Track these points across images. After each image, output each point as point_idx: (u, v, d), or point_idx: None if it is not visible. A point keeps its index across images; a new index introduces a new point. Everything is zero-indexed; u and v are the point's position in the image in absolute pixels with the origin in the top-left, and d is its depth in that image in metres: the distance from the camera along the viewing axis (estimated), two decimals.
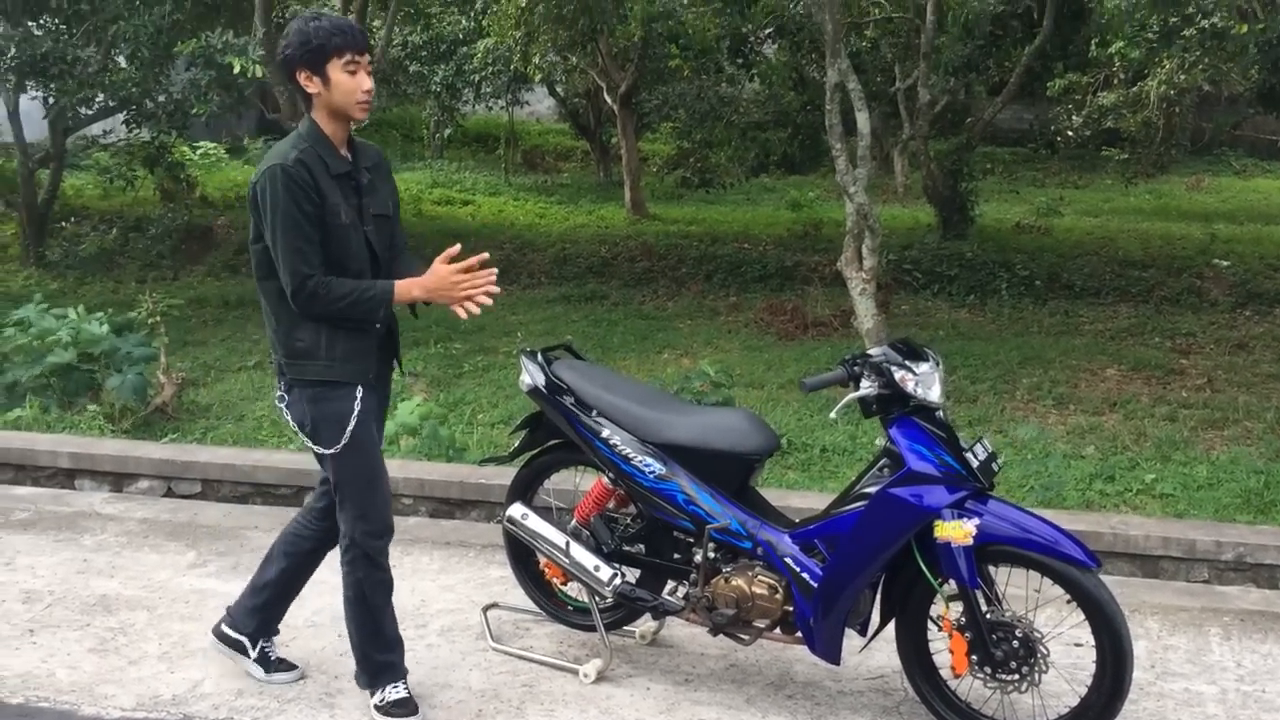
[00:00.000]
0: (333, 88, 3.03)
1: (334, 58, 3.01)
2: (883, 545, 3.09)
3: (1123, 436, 6.87)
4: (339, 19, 3.09)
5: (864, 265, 8.19)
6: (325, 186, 3.04)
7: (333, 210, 3.04)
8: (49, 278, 11.25)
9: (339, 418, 3.11)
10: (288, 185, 2.98)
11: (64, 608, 3.97)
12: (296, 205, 2.98)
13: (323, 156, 3.06)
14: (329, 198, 3.04)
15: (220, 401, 7.63)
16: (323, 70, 3.02)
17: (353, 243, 3.09)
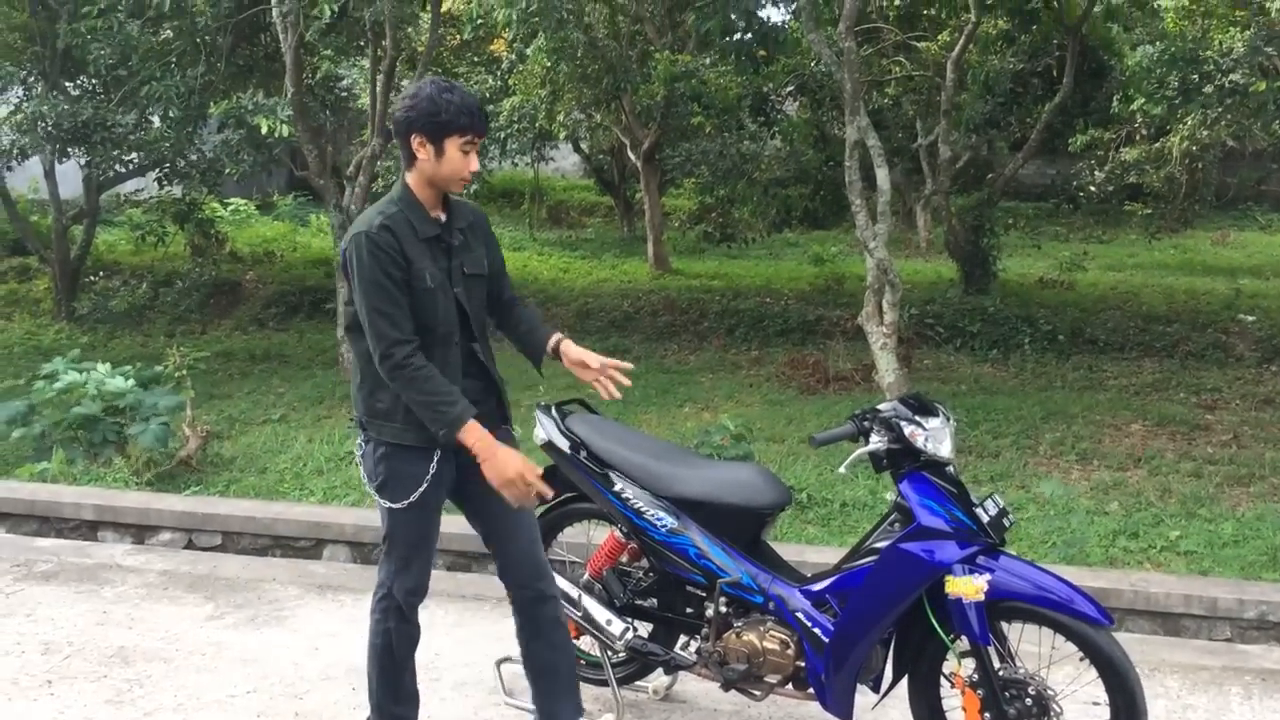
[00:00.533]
0: (444, 162, 3.04)
1: (455, 135, 3.02)
2: (894, 600, 3.08)
3: (1147, 492, 6.80)
4: (469, 98, 3.07)
5: (885, 320, 8.21)
6: (412, 251, 3.04)
7: (418, 275, 3.03)
8: (80, 332, 11.46)
9: (410, 479, 3.11)
10: (373, 252, 2.99)
11: (82, 659, 4.01)
12: (383, 271, 2.99)
13: (411, 221, 3.07)
14: (415, 263, 3.03)
15: (244, 454, 7.70)
16: (440, 143, 3.02)
17: (440, 306, 3.08)
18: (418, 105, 3.02)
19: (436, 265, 3.10)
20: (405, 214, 3.08)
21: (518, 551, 3.23)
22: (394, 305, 3.00)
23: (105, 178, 11.85)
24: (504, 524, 3.22)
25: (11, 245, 13.98)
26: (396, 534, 3.19)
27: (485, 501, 3.17)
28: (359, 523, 5.45)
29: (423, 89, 3.06)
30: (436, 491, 3.16)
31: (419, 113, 3.02)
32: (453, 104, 3.01)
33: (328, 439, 7.92)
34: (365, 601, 4.56)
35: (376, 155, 10.24)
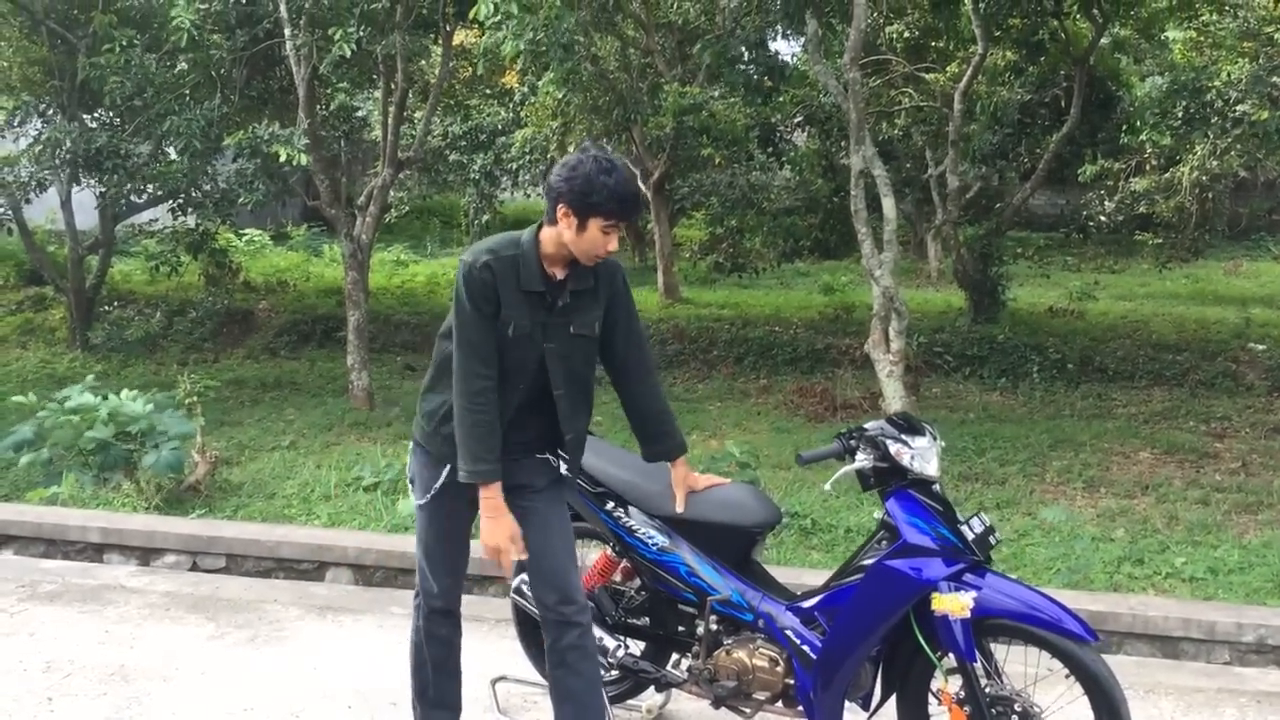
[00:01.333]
0: (582, 238, 3.05)
1: (601, 218, 3.03)
2: (880, 617, 3.10)
3: (1154, 519, 6.78)
4: (625, 186, 3.05)
5: (891, 347, 8.25)
6: (507, 297, 3.07)
7: (504, 322, 3.08)
8: (94, 360, 11.58)
9: (428, 479, 3.23)
10: (468, 284, 3.07)
11: (83, 677, 4.05)
12: (474, 304, 3.06)
13: (520, 269, 3.09)
14: (504, 309, 3.07)
15: (252, 480, 7.76)
16: (585, 220, 3.03)
17: (518, 356, 3.12)
18: (574, 180, 3.02)
19: (532, 318, 3.12)
20: (517, 260, 3.10)
21: (549, 571, 3.22)
22: (480, 336, 3.07)
23: (120, 208, 12.02)
24: (536, 543, 3.21)
25: (28, 275, 14.17)
26: (419, 532, 3.31)
27: (520, 520, 3.18)
28: (362, 545, 5.49)
29: (583, 164, 3.04)
30: (454, 499, 3.21)
31: (571, 187, 3.02)
32: (607, 187, 3.01)
33: (335, 465, 7.97)
34: (365, 622, 4.63)
35: (388, 185, 10.37)
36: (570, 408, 3.22)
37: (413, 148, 10.86)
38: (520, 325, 3.09)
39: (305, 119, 9.66)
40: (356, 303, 9.92)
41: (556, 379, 3.17)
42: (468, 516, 3.27)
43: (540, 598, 3.23)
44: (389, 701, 3.89)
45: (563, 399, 3.20)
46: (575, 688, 3.21)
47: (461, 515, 3.27)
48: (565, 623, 3.19)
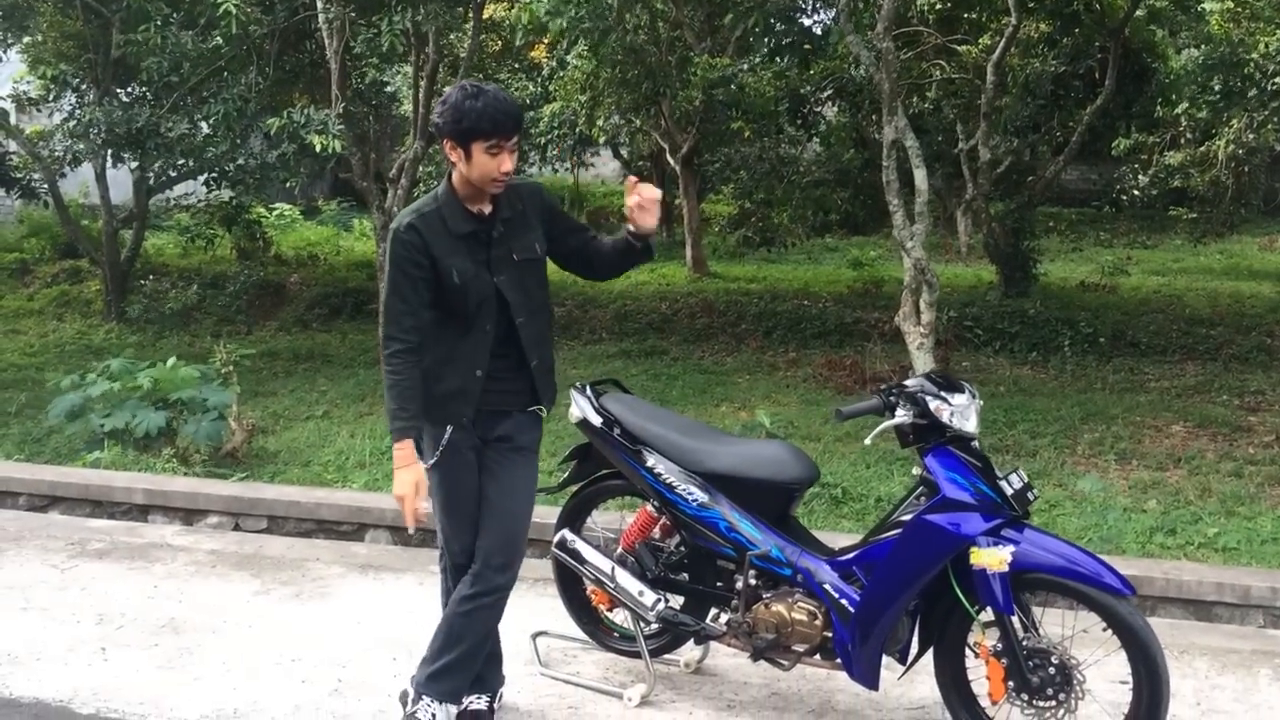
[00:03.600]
0: (472, 165, 3.13)
1: (479, 140, 3.10)
2: (919, 571, 3.14)
3: (1186, 492, 6.77)
4: (496, 102, 3.11)
5: (921, 320, 8.24)
6: (440, 249, 3.17)
7: (445, 272, 3.17)
8: (129, 332, 11.74)
9: (434, 440, 3.29)
10: (395, 249, 3.19)
11: (135, 629, 4.16)
12: (400, 269, 3.18)
13: (445, 218, 3.20)
14: (441, 260, 3.17)
15: (288, 448, 7.88)
16: (467, 147, 3.11)
17: (470, 298, 3.20)
18: (445, 112, 3.13)
19: (473, 259, 3.21)
20: (440, 211, 3.21)
21: (505, 532, 3.31)
22: (403, 301, 3.19)
23: (156, 182, 12.14)
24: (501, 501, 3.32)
25: (64, 248, 14.36)
26: (434, 495, 3.35)
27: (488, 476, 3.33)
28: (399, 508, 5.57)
29: (450, 96, 3.15)
30: (461, 457, 3.30)
31: (445, 119, 3.13)
32: (475, 110, 3.08)
33: (369, 434, 8.08)
34: (406, 580, 4.71)
35: (418, 159, 10.43)
36: (534, 334, 3.33)
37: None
38: (463, 269, 3.19)
39: (339, 97, 9.71)
40: None
41: (517, 308, 3.27)
42: (476, 472, 3.34)
43: (484, 550, 3.30)
44: None
45: (524, 326, 3.29)
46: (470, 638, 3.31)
47: (471, 471, 3.34)
48: (495, 586, 3.29)
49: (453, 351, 3.26)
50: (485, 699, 3.47)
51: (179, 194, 13.37)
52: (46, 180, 12.10)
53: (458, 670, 3.34)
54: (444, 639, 3.35)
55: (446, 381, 3.26)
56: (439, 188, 3.27)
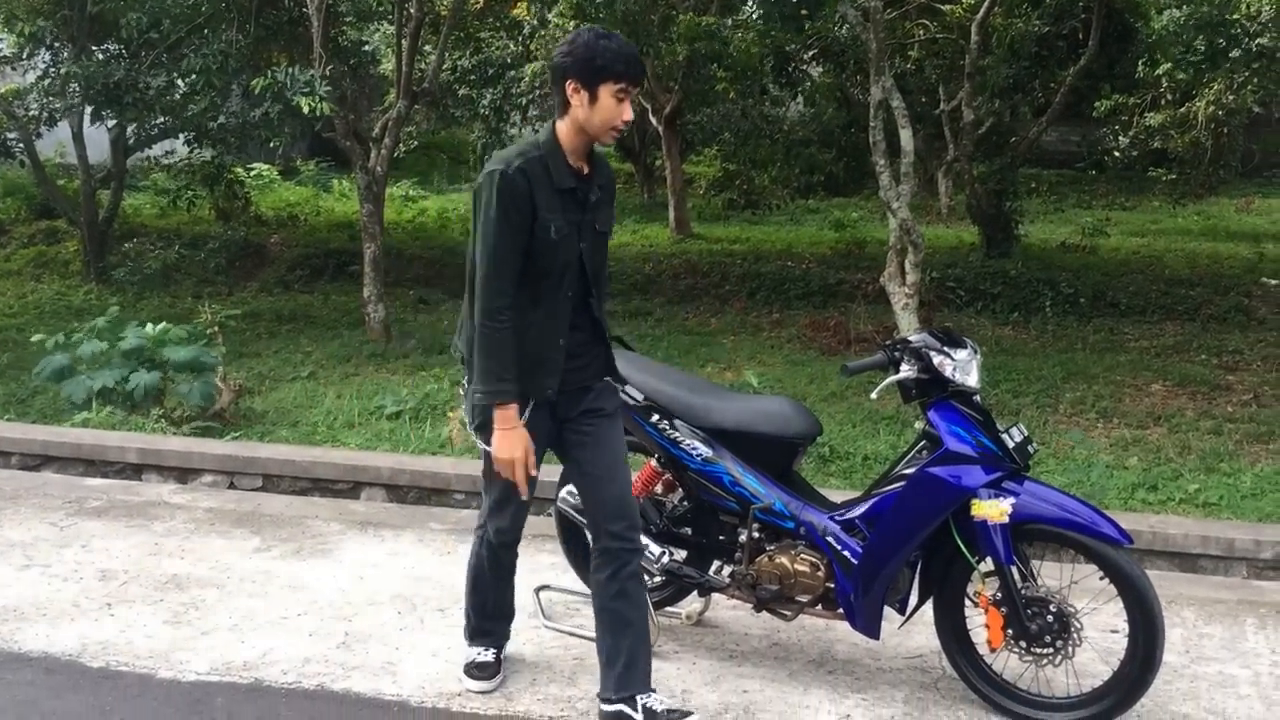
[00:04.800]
0: (596, 109, 3.00)
1: (610, 82, 2.98)
2: (921, 523, 3.21)
3: (1167, 449, 6.89)
4: (626, 46, 3.03)
5: (906, 280, 8.29)
6: (542, 200, 3.00)
7: (543, 226, 3.01)
8: (109, 293, 11.63)
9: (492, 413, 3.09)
10: (502, 193, 2.97)
11: (138, 585, 4.18)
12: (504, 212, 2.98)
13: (550, 168, 3.03)
14: (542, 212, 3.00)
15: (275, 409, 7.87)
16: (594, 89, 2.99)
17: (560, 258, 3.05)
18: (574, 51, 2.99)
19: (566, 217, 3.06)
20: (546, 160, 3.04)
21: (616, 499, 3.20)
22: (508, 251, 2.99)
23: (133, 141, 11.97)
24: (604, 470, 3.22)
25: (40, 208, 14.16)
26: (490, 475, 3.23)
27: (581, 450, 3.23)
28: (395, 466, 5.61)
29: (580, 35, 3.03)
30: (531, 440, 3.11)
31: (575, 58, 2.99)
32: (609, 50, 2.97)
33: (357, 395, 8.08)
34: (405, 537, 4.75)
35: (402, 117, 10.33)
36: (601, 312, 3.25)
37: (427, 79, 10.81)
38: (559, 226, 3.04)
39: (322, 56, 9.58)
40: (372, 235, 9.94)
41: (594, 279, 3.16)
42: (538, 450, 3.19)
43: (604, 525, 3.18)
44: (436, 608, 4.03)
45: (594, 304, 3.20)
46: (635, 618, 3.18)
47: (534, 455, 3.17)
48: (629, 549, 3.18)
49: (532, 317, 3.08)
50: (493, 651, 3.53)
51: (158, 153, 13.18)
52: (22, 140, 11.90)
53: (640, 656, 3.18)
54: (612, 634, 3.18)
55: (527, 351, 3.08)
56: (539, 135, 3.10)
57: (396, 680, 3.48)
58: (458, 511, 5.17)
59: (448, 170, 18.38)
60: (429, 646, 3.71)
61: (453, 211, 15.27)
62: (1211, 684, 3.45)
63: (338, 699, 3.35)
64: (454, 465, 5.61)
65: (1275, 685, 3.51)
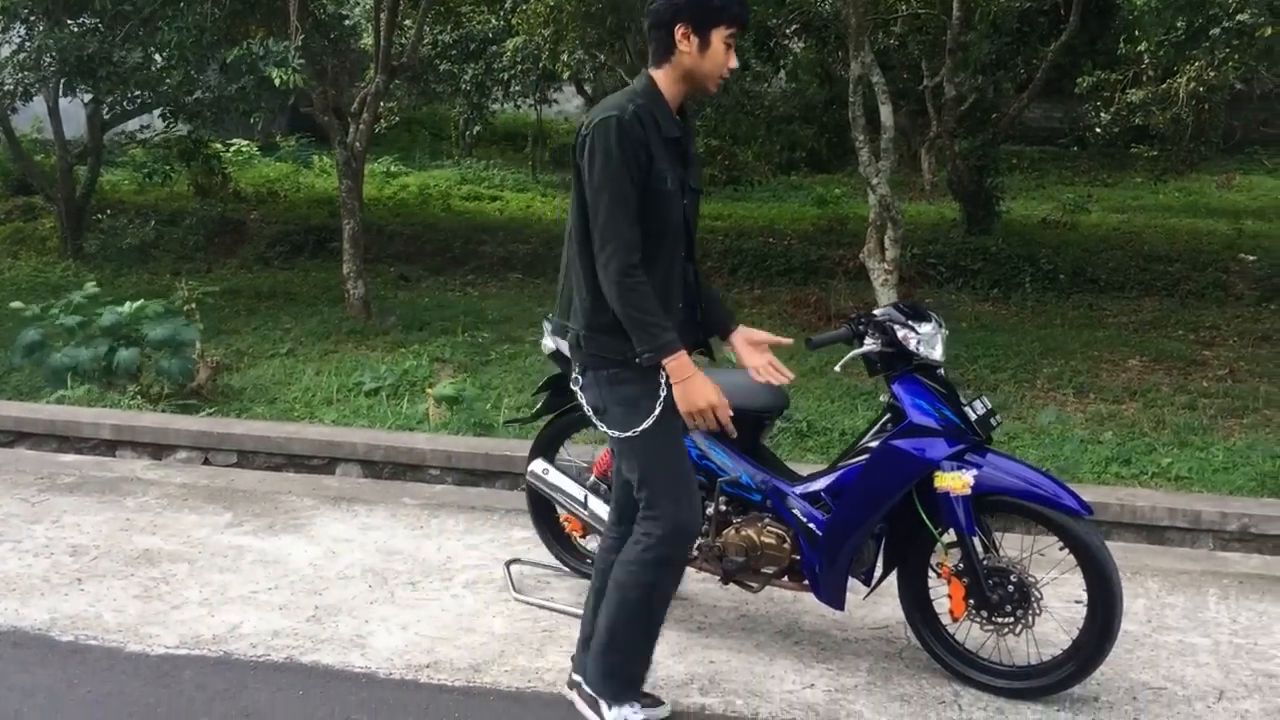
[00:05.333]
0: (707, 55, 2.82)
1: (723, 25, 2.82)
2: (885, 495, 3.23)
3: (1141, 423, 6.94)
4: None
5: (886, 256, 8.31)
6: (656, 148, 2.80)
7: (659, 176, 2.79)
8: (86, 269, 11.56)
9: (641, 399, 2.85)
10: (622, 140, 2.74)
11: (109, 560, 4.18)
12: (627, 162, 2.74)
13: (657, 117, 2.83)
14: (657, 161, 2.79)
15: (253, 385, 7.85)
16: (706, 34, 2.81)
17: (673, 213, 2.84)
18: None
19: (673, 171, 2.86)
20: (651, 109, 2.83)
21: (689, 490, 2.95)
22: (628, 202, 2.76)
23: (109, 116, 11.87)
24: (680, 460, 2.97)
25: (16, 184, 14.03)
26: (654, 467, 2.87)
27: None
28: (370, 442, 5.61)
29: None
30: (674, 413, 2.86)
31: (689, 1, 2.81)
32: None
33: (335, 371, 8.07)
34: (378, 512, 4.75)
35: (381, 92, 10.27)
36: (696, 279, 3.00)
37: (406, 54, 10.74)
38: (672, 178, 2.83)
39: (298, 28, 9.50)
40: (351, 211, 9.90)
41: (691, 240, 2.95)
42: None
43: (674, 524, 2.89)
44: (407, 582, 4.04)
45: (690, 268, 2.97)
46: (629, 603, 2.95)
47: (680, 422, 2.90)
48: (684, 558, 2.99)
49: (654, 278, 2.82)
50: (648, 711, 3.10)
51: (134, 129, 13.07)
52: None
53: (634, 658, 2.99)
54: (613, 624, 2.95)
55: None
56: (637, 85, 2.89)
57: (365, 653, 3.49)
58: (431, 487, 5.18)
59: (429, 146, 18.29)
60: (399, 620, 3.72)
61: (434, 187, 15.20)
62: (1171, 652, 3.49)
63: (306, 671, 3.37)
64: (429, 441, 5.61)
65: (1234, 653, 3.56)
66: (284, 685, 3.27)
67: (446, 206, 14.31)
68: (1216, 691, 3.33)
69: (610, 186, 2.76)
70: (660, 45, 2.87)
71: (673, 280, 2.90)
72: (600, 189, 2.77)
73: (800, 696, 3.28)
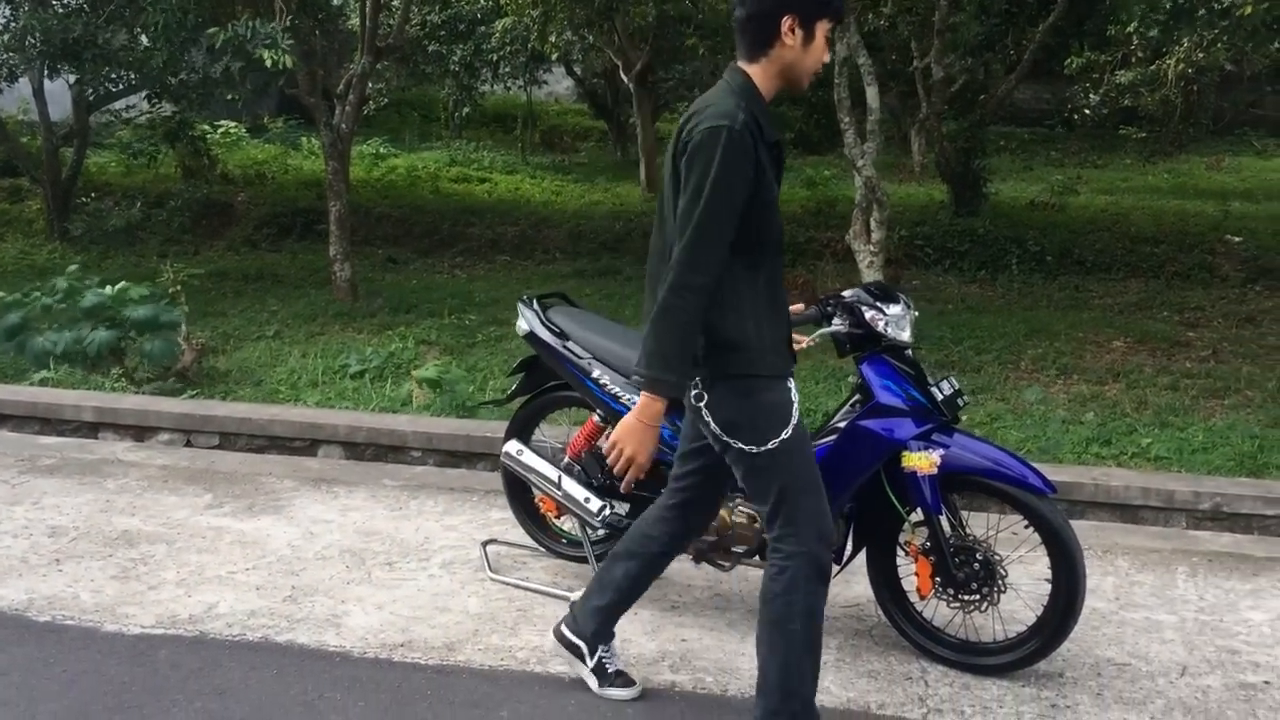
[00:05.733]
0: (810, 50, 2.70)
1: (828, 19, 2.70)
2: (853, 474, 3.26)
3: (1124, 404, 6.97)
4: None
5: (872, 238, 8.32)
6: (762, 157, 2.66)
7: (766, 184, 2.66)
8: (73, 251, 11.53)
9: (776, 410, 2.75)
10: (732, 151, 2.58)
11: (88, 541, 4.20)
12: (735, 178, 2.59)
13: (760, 121, 2.66)
14: (766, 170, 2.67)
15: (239, 368, 7.85)
16: (812, 26, 2.68)
17: (775, 222, 2.74)
18: None
19: (775, 175, 2.74)
20: (754, 111, 2.66)
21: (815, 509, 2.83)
22: (731, 218, 2.61)
23: (95, 97, 11.82)
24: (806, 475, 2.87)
25: (2, 166, 13.98)
26: (792, 482, 2.77)
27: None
28: (352, 424, 5.63)
29: None
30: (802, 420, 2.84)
31: None
32: None
33: (321, 354, 8.07)
34: (357, 493, 4.77)
35: (367, 74, 10.23)
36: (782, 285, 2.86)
37: (392, 35, 10.70)
38: (775, 187, 2.72)
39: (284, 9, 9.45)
40: (338, 193, 9.88)
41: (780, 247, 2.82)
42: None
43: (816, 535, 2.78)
44: (384, 562, 4.07)
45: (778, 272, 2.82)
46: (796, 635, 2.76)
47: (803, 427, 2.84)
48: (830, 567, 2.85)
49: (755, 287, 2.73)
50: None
51: (120, 109, 13.02)
52: None
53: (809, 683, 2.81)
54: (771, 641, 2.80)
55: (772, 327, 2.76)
56: (733, 84, 2.72)
57: (340, 632, 3.52)
58: (412, 468, 5.20)
59: (419, 128, 18.24)
60: (375, 600, 3.75)
61: (423, 169, 15.18)
62: (1137, 629, 3.54)
63: (280, 650, 3.39)
64: (411, 423, 5.62)
65: (1199, 630, 3.60)
66: (258, 664, 3.30)
67: (435, 188, 14.29)
68: (1180, 667, 3.37)
69: (715, 198, 2.59)
70: (758, 38, 2.69)
71: (778, 291, 2.81)
72: (707, 199, 2.59)
73: None
